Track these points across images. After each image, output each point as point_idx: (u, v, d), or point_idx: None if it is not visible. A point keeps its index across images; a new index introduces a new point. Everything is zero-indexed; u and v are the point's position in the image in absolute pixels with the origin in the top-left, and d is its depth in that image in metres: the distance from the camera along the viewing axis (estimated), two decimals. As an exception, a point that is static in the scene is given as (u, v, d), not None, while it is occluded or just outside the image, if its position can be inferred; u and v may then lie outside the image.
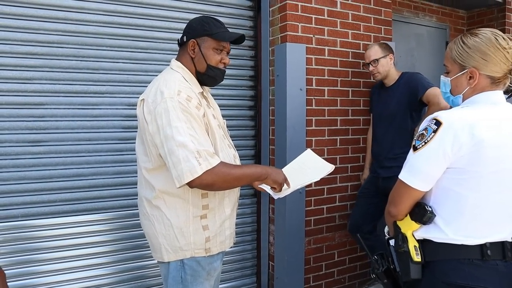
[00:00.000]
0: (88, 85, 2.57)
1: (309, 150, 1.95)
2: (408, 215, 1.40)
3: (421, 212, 1.35)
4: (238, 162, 1.83)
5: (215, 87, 2.94)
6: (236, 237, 3.11)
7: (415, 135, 2.78)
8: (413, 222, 1.38)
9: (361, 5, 3.18)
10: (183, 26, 2.77)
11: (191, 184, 1.58)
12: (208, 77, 1.76)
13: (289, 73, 2.87)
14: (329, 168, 1.87)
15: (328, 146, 3.09)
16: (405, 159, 2.76)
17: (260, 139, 3.19)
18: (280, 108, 2.95)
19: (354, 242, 3.27)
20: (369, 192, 3.02)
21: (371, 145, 3.09)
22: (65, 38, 2.50)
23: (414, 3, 4.17)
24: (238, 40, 1.81)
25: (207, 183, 1.59)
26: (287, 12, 2.86)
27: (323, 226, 3.11)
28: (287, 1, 2.85)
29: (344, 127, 3.17)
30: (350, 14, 3.13)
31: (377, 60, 2.89)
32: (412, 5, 4.16)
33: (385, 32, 3.32)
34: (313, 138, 3.02)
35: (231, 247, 1.94)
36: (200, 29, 1.74)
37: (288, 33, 2.87)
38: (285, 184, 1.77)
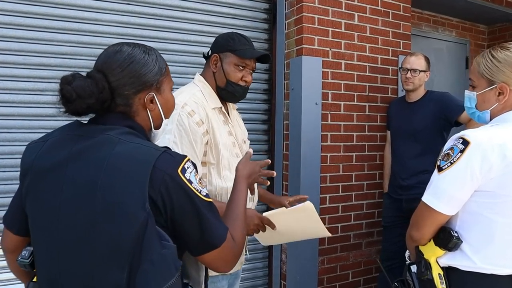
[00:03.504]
0: (100, 97, 2.53)
1: (309, 202, 1.56)
2: (432, 240, 1.31)
3: (447, 238, 1.25)
4: None
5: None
6: (248, 254, 3.05)
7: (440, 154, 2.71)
8: (437, 248, 1.28)
9: (380, 18, 3.11)
10: (198, 38, 2.79)
11: None
12: (227, 92, 1.73)
13: (304, 87, 2.80)
14: (325, 234, 1.68)
15: (343, 163, 3.00)
16: (429, 178, 2.70)
17: (273, 154, 3.12)
18: (295, 123, 2.88)
19: (370, 262, 3.15)
20: (394, 222, 2.87)
21: (392, 163, 2.97)
22: (79, 50, 2.48)
23: (433, 17, 4.09)
24: (263, 59, 1.77)
25: None
26: (303, 24, 2.80)
27: (337, 245, 3.00)
28: (304, 14, 2.80)
29: (360, 143, 3.07)
30: (368, 28, 3.06)
31: (418, 71, 2.75)
32: (431, 19, 4.08)
33: (404, 46, 3.24)
34: (328, 154, 2.93)
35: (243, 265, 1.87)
36: (224, 44, 1.72)
37: (304, 46, 2.81)
38: (272, 235, 1.64)
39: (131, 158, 0.95)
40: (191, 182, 0.99)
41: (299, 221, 1.59)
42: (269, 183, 1.50)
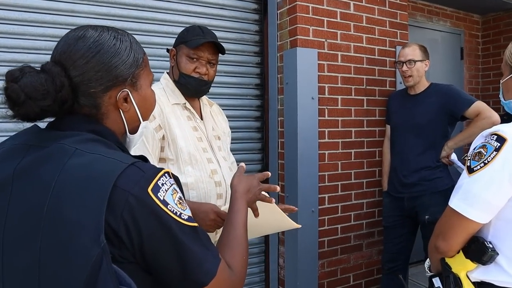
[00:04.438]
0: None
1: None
2: (461, 252, 1.14)
3: (480, 250, 1.09)
4: (216, 178, 1.62)
5: (215, 97, 2.75)
6: (242, 259, 2.88)
7: (444, 148, 2.56)
8: (468, 260, 1.12)
9: (376, 7, 2.95)
10: (184, 30, 2.60)
11: None
12: (181, 85, 1.66)
13: (300, 81, 2.63)
14: (294, 226, 1.53)
15: (342, 160, 2.84)
16: (432, 175, 2.56)
17: (267, 152, 2.95)
18: (290, 119, 2.71)
19: (371, 263, 3.01)
20: (396, 222, 2.73)
21: (391, 159, 2.81)
22: (54, 45, 2.27)
23: (428, 7, 3.96)
24: (220, 49, 1.67)
25: None
26: (297, 14, 2.62)
27: (337, 247, 2.85)
28: (297, 2, 2.62)
29: (359, 139, 2.91)
30: (364, 17, 2.90)
31: (414, 61, 2.58)
32: (426, 9, 3.95)
33: (401, 36, 3.09)
34: (326, 152, 2.77)
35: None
36: (180, 36, 1.68)
37: (299, 37, 2.64)
38: None
39: (86, 174, 0.73)
40: (166, 204, 0.76)
41: (262, 215, 1.43)
42: (274, 200, 1.31)
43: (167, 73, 1.73)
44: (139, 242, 0.74)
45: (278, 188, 1.29)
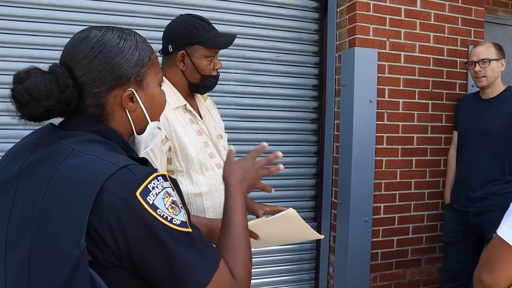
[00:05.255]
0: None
1: (291, 209, 1.33)
2: (511, 288, 0.99)
3: (533, 288, 0.93)
4: None
5: (271, 97, 2.71)
6: (294, 264, 2.82)
7: None
8: (520, 299, 0.96)
9: (446, 3, 2.71)
10: (242, 30, 2.57)
11: None
12: (203, 87, 1.56)
13: (357, 82, 2.50)
14: (317, 237, 1.45)
15: (401, 168, 2.65)
16: (503, 189, 2.29)
17: (323, 156, 2.84)
18: (346, 122, 2.58)
19: (430, 281, 2.79)
20: (458, 238, 2.49)
21: (457, 169, 2.58)
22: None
23: (512, 1, 3.58)
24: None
25: None
26: (357, 12, 2.49)
27: (392, 261, 2.67)
28: (357, 0, 2.48)
29: (421, 147, 2.70)
30: (432, 14, 2.68)
31: (488, 60, 2.34)
32: (510, 4, 3.56)
33: (476, 35, 2.81)
34: (384, 158, 2.60)
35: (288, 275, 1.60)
36: (188, 36, 1.48)
37: (357, 36, 2.50)
38: (255, 241, 1.37)
39: (77, 176, 0.72)
40: (155, 208, 0.72)
41: (284, 228, 1.37)
42: (273, 190, 1.19)
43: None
44: (126, 247, 0.72)
45: (282, 167, 1.09)
